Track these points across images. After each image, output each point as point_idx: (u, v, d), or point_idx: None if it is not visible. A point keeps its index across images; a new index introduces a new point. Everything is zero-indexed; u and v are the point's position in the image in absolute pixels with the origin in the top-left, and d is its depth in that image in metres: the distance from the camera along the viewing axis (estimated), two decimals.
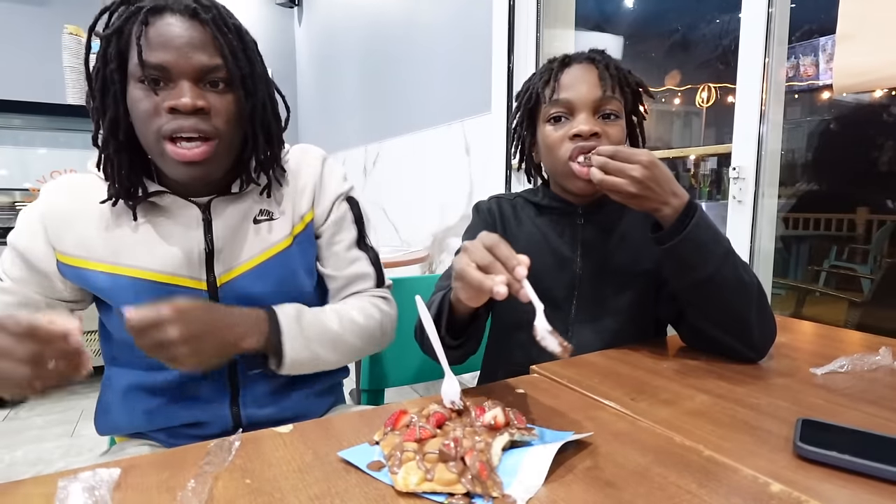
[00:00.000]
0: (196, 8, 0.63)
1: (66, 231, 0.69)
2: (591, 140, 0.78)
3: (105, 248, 0.69)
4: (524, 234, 0.90)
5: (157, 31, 0.62)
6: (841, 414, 0.58)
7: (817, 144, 1.94)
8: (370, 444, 0.50)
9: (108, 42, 0.63)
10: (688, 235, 0.68)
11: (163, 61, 0.62)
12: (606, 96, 0.79)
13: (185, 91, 0.63)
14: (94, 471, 0.43)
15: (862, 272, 2.11)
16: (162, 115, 0.63)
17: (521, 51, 2.12)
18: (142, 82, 0.63)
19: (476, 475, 0.42)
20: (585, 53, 0.84)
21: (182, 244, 0.70)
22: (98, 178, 0.71)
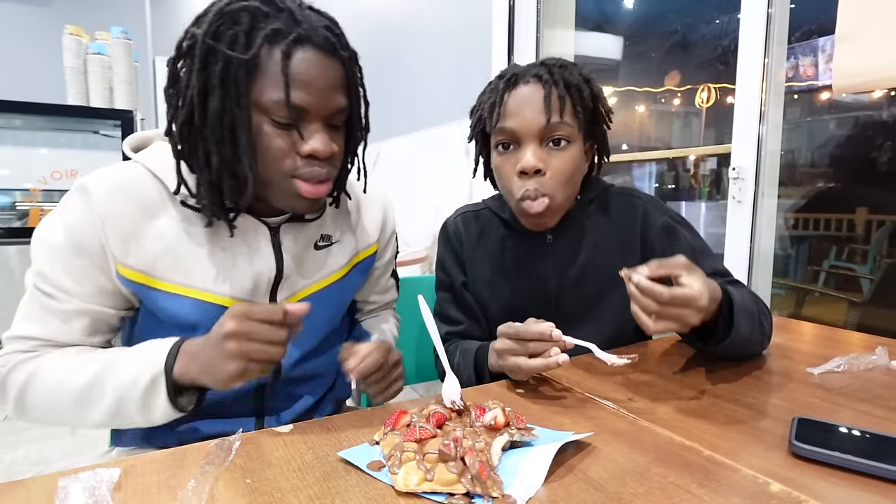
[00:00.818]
0: (335, 43, 0.59)
1: (130, 243, 0.61)
2: (535, 177, 0.75)
3: (175, 268, 0.63)
4: (492, 255, 0.87)
5: (300, 68, 0.56)
6: (837, 413, 0.58)
7: (817, 145, 1.94)
8: (370, 444, 0.50)
9: (234, 63, 0.55)
10: (734, 338, 0.65)
11: (305, 103, 0.57)
12: (552, 123, 0.74)
13: (320, 136, 0.59)
14: (94, 471, 0.43)
15: (861, 272, 2.11)
16: (296, 157, 0.60)
17: (521, 51, 2.12)
18: (274, 119, 0.58)
19: (476, 475, 0.42)
20: (534, 70, 0.77)
21: (253, 269, 0.66)
22: (152, 177, 0.63)
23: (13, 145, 2.56)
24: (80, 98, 2.47)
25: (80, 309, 0.62)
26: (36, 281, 0.62)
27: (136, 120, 2.48)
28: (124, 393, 0.57)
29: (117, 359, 0.59)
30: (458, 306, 0.89)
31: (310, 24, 0.58)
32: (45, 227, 0.62)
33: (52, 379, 0.59)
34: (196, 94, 0.57)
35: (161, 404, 0.57)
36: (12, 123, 2.54)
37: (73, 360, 0.60)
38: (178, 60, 0.59)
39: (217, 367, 0.54)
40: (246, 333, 0.53)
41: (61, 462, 1.79)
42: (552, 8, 2.15)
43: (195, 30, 0.58)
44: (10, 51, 3.51)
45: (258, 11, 0.57)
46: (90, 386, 0.58)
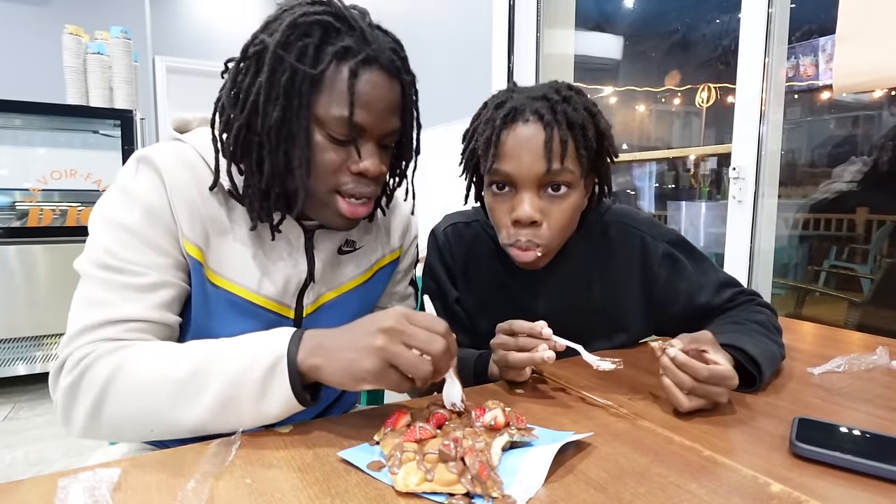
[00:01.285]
0: (399, 66, 0.60)
1: (193, 217, 0.60)
2: (530, 227, 0.70)
3: (216, 254, 0.62)
4: (483, 275, 0.85)
5: (364, 88, 0.57)
6: (837, 413, 0.58)
7: (817, 145, 1.94)
8: (370, 445, 0.50)
9: (300, 76, 0.55)
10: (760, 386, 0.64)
11: (365, 123, 0.58)
12: (553, 171, 0.67)
13: (374, 156, 0.60)
14: (94, 471, 0.43)
15: (862, 272, 2.11)
16: (345, 173, 0.60)
17: (521, 51, 2.12)
18: (330, 134, 0.58)
19: (476, 475, 0.42)
20: (535, 105, 0.69)
21: (286, 271, 0.66)
22: (203, 162, 0.63)
23: (13, 145, 2.56)
24: (80, 98, 2.47)
25: (158, 281, 0.58)
26: (101, 259, 0.57)
27: (135, 119, 2.48)
28: (237, 380, 0.51)
29: (223, 346, 0.54)
30: (449, 318, 0.86)
31: (378, 44, 0.58)
32: (108, 205, 0.60)
33: (143, 371, 0.52)
34: (260, 102, 0.56)
35: (282, 392, 0.50)
36: (12, 123, 2.54)
37: (169, 349, 0.54)
38: (242, 62, 0.59)
39: (355, 359, 0.50)
40: (401, 333, 0.50)
41: (61, 462, 1.79)
42: (552, 8, 2.15)
43: (265, 37, 0.57)
44: (9, 50, 3.51)
45: (330, 26, 0.57)
46: (193, 374, 0.51)
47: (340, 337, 0.52)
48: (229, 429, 0.51)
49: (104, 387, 0.51)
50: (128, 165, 0.62)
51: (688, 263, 0.81)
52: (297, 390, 0.51)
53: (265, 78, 0.56)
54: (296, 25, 0.56)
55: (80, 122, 2.56)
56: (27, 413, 2.17)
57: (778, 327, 0.75)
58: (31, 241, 2.25)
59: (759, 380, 0.62)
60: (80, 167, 2.58)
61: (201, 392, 0.51)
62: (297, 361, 0.51)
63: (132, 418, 0.52)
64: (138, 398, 0.51)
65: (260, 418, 0.52)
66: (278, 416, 0.52)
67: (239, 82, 0.59)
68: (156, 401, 0.51)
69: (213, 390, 0.50)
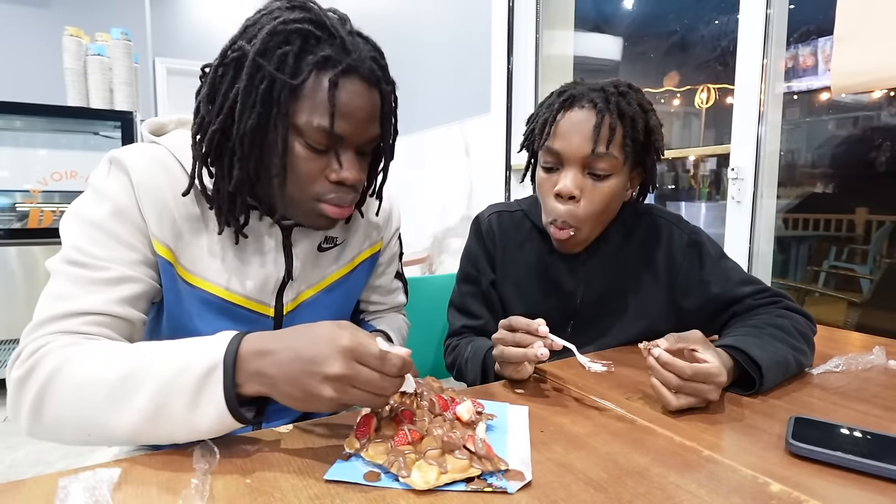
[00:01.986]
0: (379, 76, 0.60)
1: (162, 216, 0.60)
2: (568, 202, 0.76)
3: (189, 255, 0.63)
4: (524, 260, 0.89)
5: (343, 98, 0.57)
6: (834, 412, 0.58)
7: (816, 145, 1.94)
8: (343, 459, 0.48)
9: (278, 85, 0.55)
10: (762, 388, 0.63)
11: (344, 132, 0.58)
12: (597, 154, 0.73)
13: (353, 165, 0.60)
14: (94, 471, 0.43)
15: (861, 272, 2.11)
16: (323, 181, 0.60)
17: (520, 52, 2.12)
18: (308, 143, 0.58)
19: (484, 455, 0.45)
20: (592, 94, 0.76)
21: (264, 270, 0.67)
22: (177, 163, 0.63)
23: (13, 146, 2.56)
24: (80, 99, 2.48)
25: (121, 276, 0.57)
26: (69, 255, 0.56)
27: (135, 121, 2.48)
28: (170, 383, 0.47)
29: (162, 347, 0.51)
30: (483, 302, 0.90)
31: (359, 53, 0.58)
32: (79, 204, 0.60)
33: (81, 372, 0.50)
34: (236, 108, 0.57)
35: (215, 403, 0.47)
36: (12, 125, 2.54)
37: (111, 349, 0.52)
38: (220, 67, 0.59)
39: (304, 399, 0.47)
40: (352, 379, 0.46)
41: (61, 462, 1.79)
42: (551, 8, 2.16)
43: (244, 43, 0.57)
44: (10, 52, 3.51)
45: (310, 35, 0.56)
46: (127, 377, 0.48)
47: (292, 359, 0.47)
48: (163, 441, 0.49)
49: (45, 384, 0.49)
50: (100, 166, 0.62)
51: (711, 255, 0.84)
52: (233, 404, 0.47)
53: (243, 85, 0.56)
54: (275, 33, 0.56)
55: (80, 124, 2.56)
56: None
57: (804, 333, 0.73)
58: (31, 242, 2.25)
59: (760, 383, 0.62)
60: (81, 169, 2.58)
61: (133, 396, 0.47)
62: (238, 369, 0.48)
63: (70, 420, 0.49)
64: (75, 399, 0.49)
65: (192, 432, 0.48)
66: (211, 431, 0.48)
67: (216, 86, 0.59)
68: (91, 403, 0.48)
69: (145, 396, 0.47)
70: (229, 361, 0.47)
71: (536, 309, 0.86)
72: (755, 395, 0.63)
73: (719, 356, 0.60)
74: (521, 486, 0.43)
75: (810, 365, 0.73)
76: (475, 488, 0.43)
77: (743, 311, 0.80)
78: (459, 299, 0.92)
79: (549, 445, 0.51)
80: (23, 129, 2.57)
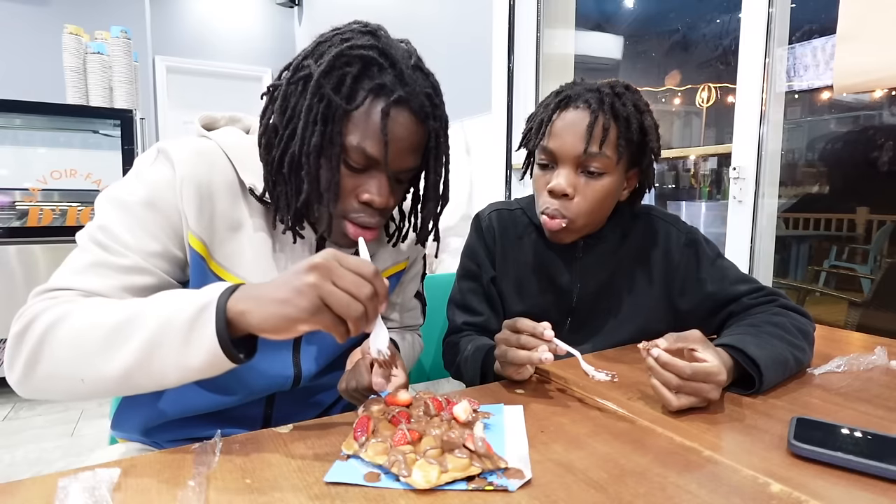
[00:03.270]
0: (429, 112, 0.62)
1: (202, 212, 0.61)
2: (561, 199, 0.77)
3: (226, 251, 0.64)
4: (523, 258, 0.89)
5: (390, 126, 0.59)
6: (836, 412, 0.58)
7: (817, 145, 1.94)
8: (342, 460, 0.48)
9: (334, 106, 0.58)
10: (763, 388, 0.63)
11: (377, 155, 0.59)
12: (590, 153, 0.75)
13: (384, 189, 0.62)
14: (94, 471, 0.43)
15: (862, 272, 2.11)
16: (353, 200, 0.62)
17: (521, 51, 2.12)
18: (347, 160, 0.60)
19: (484, 453, 0.45)
20: (588, 94, 0.77)
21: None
22: (226, 159, 0.65)
23: (13, 145, 2.56)
24: (80, 97, 2.47)
25: (135, 266, 0.58)
26: (94, 233, 0.58)
27: (135, 119, 2.48)
28: (163, 324, 0.49)
29: (158, 296, 0.53)
30: (484, 298, 0.91)
31: (413, 87, 0.60)
32: (118, 186, 0.61)
33: (80, 320, 0.51)
34: (299, 126, 0.59)
35: (206, 339, 0.47)
36: (12, 123, 2.54)
37: (108, 302, 0.54)
38: (291, 85, 0.60)
39: (288, 299, 0.47)
40: (331, 272, 0.47)
41: (61, 462, 1.79)
42: (552, 8, 2.15)
43: (312, 63, 0.59)
44: (9, 50, 3.51)
45: (373, 61, 0.59)
46: (125, 321, 0.50)
47: (271, 283, 0.50)
48: (153, 384, 0.50)
49: (45, 333, 0.51)
50: (148, 153, 0.63)
51: (707, 255, 0.85)
52: (223, 339, 0.48)
53: (306, 104, 0.58)
54: (341, 55, 0.58)
55: (79, 122, 2.56)
56: (27, 413, 2.17)
57: (804, 330, 0.73)
58: (30, 240, 2.25)
59: (759, 382, 0.62)
60: (80, 167, 2.58)
61: (128, 339, 0.49)
62: (227, 307, 0.48)
63: (64, 367, 0.50)
64: (72, 346, 0.50)
65: (183, 371, 0.49)
66: (202, 370, 0.49)
67: (288, 100, 0.60)
68: (88, 347, 0.50)
69: (140, 338, 0.49)
70: (222, 300, 0.49)
71: (534, 305, 0.88)
72: (755, 394, 0.63)
73: (719, 355, 0.60)
74: (521, 485, 0.43)
75: (810, 363, 0.73)
76: (476, 487, 0.43)
77: (740, 310, 0.80)
78: (460, 296, 0.92)
79: (550, 445, 0.51)
80: (22, 127, 2.56)
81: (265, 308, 0.48)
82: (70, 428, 2.05)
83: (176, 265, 0.62)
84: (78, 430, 2.03)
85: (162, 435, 0.69)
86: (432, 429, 0.49)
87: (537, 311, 0.86)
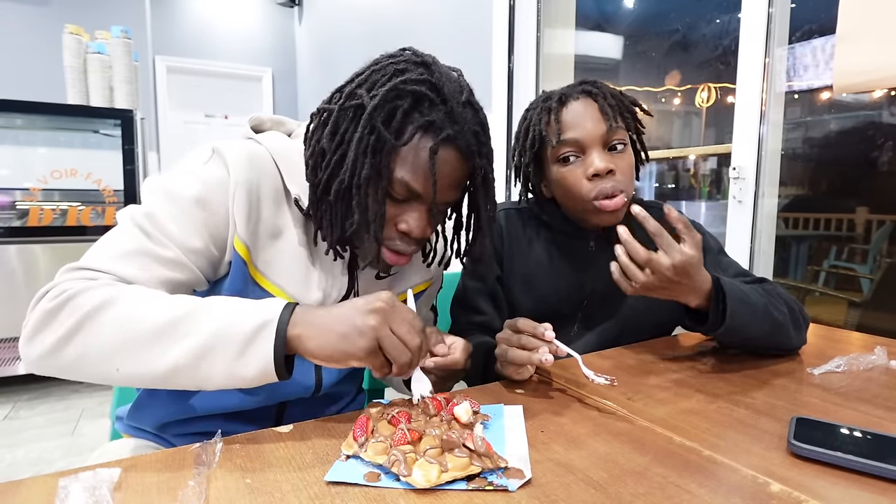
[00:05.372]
0: (475, 151, 0.62)
1: (249, 214, 0.62)
2: (608, 177, 0.79)
3: (263, 255, 0.64)
4: (533, 254, 0.90)
5: (438, 163, 0.59)
6: (836, 412, 0.58)
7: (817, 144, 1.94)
8: (342, 460, 0.48)
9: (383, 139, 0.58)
10: (728, 326, 0.69)
11: (422, 191, 0.60)
12: (612, 128, 0.79)
13: (423, 221, 0.62)
14: (95, 471, 0.43)
15: (861, 272, 2.11)
16: (391, 228, 0.63)
17: (521, 51, 2.12)
18: (389, 190, 0.61)
19: (484, 452, 0.45)
20: (579, 87, 0.82)
21: (326, 285, 0.68)
22: (274, 165, 0.65)
23: (13, 144, 2.56)
24: (80, 97, 2.47)
25: (176, 259, 0.58)
26: (139, 219, 0.58)
27: (135, 119, 2.48)
28: (222, 332, 0.50)
29: (217, 301, 0.54)
30: (488, 298, 0.91)
31: (462, 125, 0.60)
32: (171, 177, 0.62)
33: (133, 306, 0.51)
34: (349, 156, 0.59)
35: (263, 354, 0.50)
36: (12, 123, 2.54)
37: (165, 295, 0.54)
38: (342, 112, 0.60)
39: (347, 335, 0.51)
40: (389, 318, 0.52)
41: (61, 462, 1.80)
42: (552, 8, 2.15)
43: (364, 94, 0.59)
44: (10, 50, 3.51)
45: (423, 97, 0.59)
46: (180, 319, 0.51)
47: (331, 313, 0.53)
48: (193, 385, 0.51)
49: (89, 313, 0.50)
50: (202, 152, 0.64)
51: (711, 248, 0.88)
52: (279, 357, 0.50)
53: (357, 136, 0.58)
54: (394, 89, 0.58)
55: (80, 122, 2.56)
56: (27, 412, 2.17)
57: (790, 306, 0.77)
58: (31, 240, 2.25)
59: (722, 309, 0.67)
60: (81, 167, 2.58)
61: (183, 338, 0.50)
62: (287, 328, 0.51)
63: (103, 349, 0.50)
64: (119, 330, 0.50)
65: (231, 378, 0.51)
66: (251, 381, 0.51)
67: (339, 124, 0.60)
68: (136, 335, 0.50)
69: (196, 340, 0.50)
70: (283, 320, 0.51)
71: (544, 303, 0.89)
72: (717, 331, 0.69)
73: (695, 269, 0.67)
74: (521, 484, 0.43)
75: (790, 336, 0.76)
76: (476, 487, 0.43)
77: None
78: (464, 295, 0.92)
79: (549, 445, 0.51)
80: (23, 127, 2.56)
81: (324, 338, 0.51)
82: (71, 427, 2.05)
83: (211, 264, 0.63)
84: (78, 430, 2.03)
85: (175, 430, 0.70)
86: (432, 429, 0.49)
87: (547, 308, 0.87)
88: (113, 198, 2.52)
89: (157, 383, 0.52)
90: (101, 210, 2.50)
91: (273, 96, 4.79)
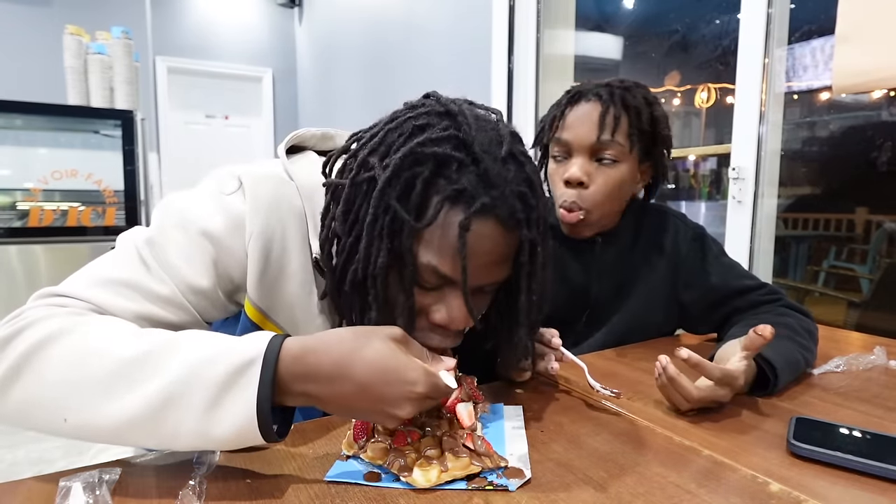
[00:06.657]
0: (522, 219, 0.49)
1: (265, 272, 0.53)
2: (578, 188, 0.78)
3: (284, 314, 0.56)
4: None
5: (471, 239, 0.46)
6: (835, 412, 0.58)
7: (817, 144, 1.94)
8: (342, 460, 0.48)
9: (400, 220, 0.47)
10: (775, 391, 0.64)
11: (454, 276, 0.49)
12: (602, 141, 0.76)
13: (461, 308, 0.50)
14: (95, 471, 0.43)
15: (861, 272, 2.11)
16: (424, 320, 0.52)
17: (521, 51, 2.12)
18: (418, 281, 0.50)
19: (484, 452, 0.45)
20: (598, 88, 0.79)
21: None
22: (302, 204, 0.56)
23: (14, 145, 2.56)
24: (81, 98, 2.47)
25: (171, 298, 0.49)
26: (141, 245, 0.50)
27: (136, 120, 2.48)
28: (193, 372, 0.40)
29: (193, 336, 0.44)
30: None
31: (502, 189, 0.47)
32: (189, 201, 0.53)
33: (91, 339, 0.42)
34: (362, 242, 0.49)
35: (241, 405, 0.39)
36: (13, 123, 2.54)
37: (133, 326, 0.45)
38: (354, 187, 0.50)
39: (375, 414, 0.43)
40: (424, 404, 0.44)
41: (62, 462, 1.80)
42: (552, 8, 2.15)
43: (377, 163, 0.49)
44: (10, 51, 3.51)
45: (449, 159, 0.47)
46: (144, 357, 0.41)
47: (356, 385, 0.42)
48: (155, 444, 0.42)
49: (31, 350, 0.41)
50: (228, 178, 0.55)
51: (713, 250, 0.87)
52: (264, 409, 0.39)
53: (369, 220, 0.48)
54: (411, 154, 0.47)
55: (80, 123, 2.56)
56: None
57: (810, 330, 0.74)
58: (32, 241, 2.25)
59: (774, 384, 0.62)
60: (81, 167, 2.58)
61: (143, 380, 0.40)
62: (280, 367, 0.41)
63: (50, 395, 0.41)
64: (65, 372, 0.41)
65: (199, 437, 0.40)
66: (223, 441, 0.41)
67: (352, 201, 0.51)
68: (88, 377, 0.40)
69: (159, 383, 0.39)
70: (270, 358, 0.40)
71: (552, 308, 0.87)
72: (768, 396, 0.63)
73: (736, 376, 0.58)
74: (521, 484, 0.43)
75: (814, 363, 0.73)
76: (476, 486, 0.43)
77: (744, 305, 0.81)
78: None
79: (549, 445, 0.51)
80: (23, 127, 2.56)
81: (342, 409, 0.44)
82: None
83: (214, 306, 0.54)
84: None
85: None
86: (432, 429, 0.49)
87: (553, 308, 0.85)
88: (113, 198, 2.52)
89: (112, 439, 0.41)
90: (102, 210, 2.50)
91: (273, 97, 4.79)
